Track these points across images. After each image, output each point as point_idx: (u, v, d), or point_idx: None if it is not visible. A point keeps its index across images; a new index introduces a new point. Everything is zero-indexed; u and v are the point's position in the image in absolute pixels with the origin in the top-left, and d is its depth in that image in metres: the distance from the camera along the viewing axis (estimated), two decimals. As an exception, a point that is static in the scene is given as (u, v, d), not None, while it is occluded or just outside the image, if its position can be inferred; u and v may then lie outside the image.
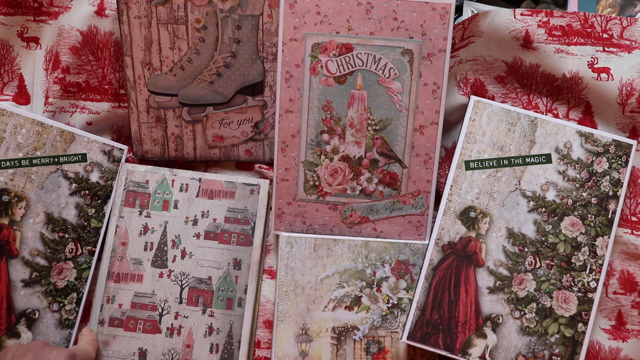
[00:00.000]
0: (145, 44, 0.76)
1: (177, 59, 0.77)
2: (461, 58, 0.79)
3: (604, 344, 0.77)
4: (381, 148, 0.77)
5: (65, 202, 0.77)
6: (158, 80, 0.78)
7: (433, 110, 0.76)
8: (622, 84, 0.76)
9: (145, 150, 0.81)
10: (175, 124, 0.80)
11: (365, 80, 0.75)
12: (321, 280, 0.77)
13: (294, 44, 0.75)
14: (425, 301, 0.74)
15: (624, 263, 0.78)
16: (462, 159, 0.76)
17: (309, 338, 0.76)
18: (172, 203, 0.79)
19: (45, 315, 0.75)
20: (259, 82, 0.79)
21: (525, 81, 0.79)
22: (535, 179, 0.76)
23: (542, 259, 0.75)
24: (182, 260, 0.78)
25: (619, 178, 0.76)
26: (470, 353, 0.73)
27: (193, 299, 0.78)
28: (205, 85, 0.78)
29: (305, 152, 0.77)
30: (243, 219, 0.80)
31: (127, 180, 0.79)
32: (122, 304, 0.77)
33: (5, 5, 0.79)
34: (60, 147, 0.77)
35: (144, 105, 0.79)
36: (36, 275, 0.75)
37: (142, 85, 0.78)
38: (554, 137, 0.77)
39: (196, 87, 0.78)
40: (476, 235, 0.75)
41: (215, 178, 0.80)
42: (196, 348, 0.77)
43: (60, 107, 0.80)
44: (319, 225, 0.79)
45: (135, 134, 0.80)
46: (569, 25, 0.77)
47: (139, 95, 0.78)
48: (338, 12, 0.74)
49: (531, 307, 0.74)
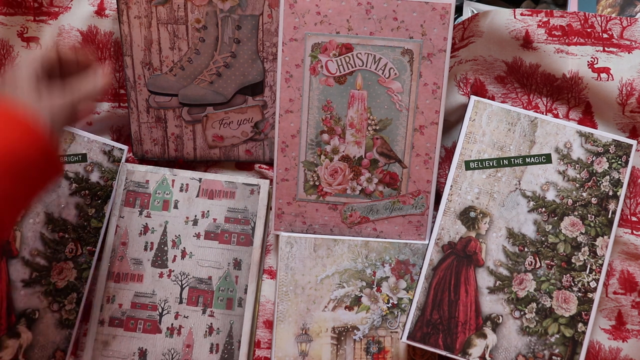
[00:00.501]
0: (145, 44, 0.76)
1: (177, 59, 0.77)
2: (461, 58, 0.79)
3: (604, 344, 0.77)
4: (381, 148, 0.77)
5: (65, 202, 0.77)
6: (158, 80, 0.78)
7: (433, 110, 0.76)
8: (622, 84, 0.76)
9: (145, 150, 0.81)
10: (175, 124, 0.80)
11: (365, 80, 0.75)
12: (321, 280, 0.77)
13: (294, 44, 0.75)
14: (425, 301, 0.74)
15: (624, 263, 0.78)
16: (462, 159, 0.76)
17: (309, 338, 0.76)
18: (172, 203, 0.79)
19: (45, 315, 0.75)
20: (259, 82, 0.78)
21: (525, 81, 0.79)
22: (535, 179, 0.76)
23: (542, 259, 0.75)
24: (182, 260, 0.78)
25: (619, 178, 0.76)
26: (470, 353, 0.73)
27: (193, 299, 0.78)
28: (205, 85, 0.78)
29: (305, 152, 0.77)
30: (243, 219, 0.79)
31: (127, 180, 0.79)
32: (122, 303, 0.77)
33: (5, 5, 0.79)
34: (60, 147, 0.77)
35: (144, 105, 0.79)
36: (36, 275, 0.75)
37: (142, 85, 0.78)
38: (554, 137, 0.77)
39: (196, 87, 0.78)
40: (476, 235, 0.75)
41: (215, 178, 0.80)
42: (196, 348, 0.77)
43: (60, 107, 0.80)
44: (319, 225, 0.79)
45: (135, 134, 0.80)
46: (569, 25, 0.77)
47: (139, 95, 0.78)
48: (338, 12, 0.74)
49: (531, 307, 0.74)
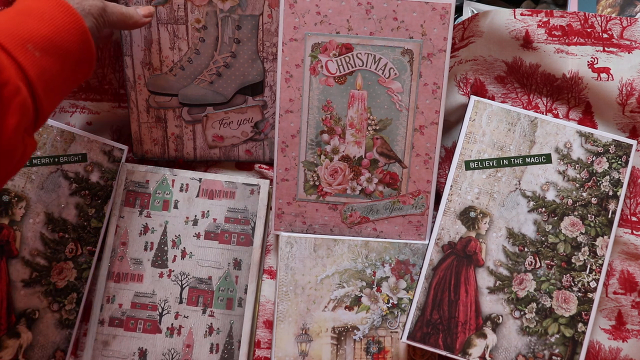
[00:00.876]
0: (145, 44, 0.76)
1: (177, 59, 0.77)
2: (461, 58, 0.79)
3: (604, 344, 0.77)
4: (381, 148, 0.77)
5: (65, 202, 0.77)
6: (158, 80, 0.78)
7: (433, 110, 0.76)
8: (622, 84, 0.76)
9: (145, 150, 0.81)
10: (175, 124, 0.80)
11: (365, 80, 0.75)
12: (321, 280, 0.77)
13: (294, 44, 0.75)
14: (425, 301, 0.74)
15: (624, 263, 0.78)
16: (462, 159, 0.76)
17: (309, 338, 0.76)
18: (172, 203, 0.79)
19: (45, 315, 0.75)
20: (259, 82, 0.78)
21: (525, 81, 0.79)
22: (535, 179, 0.76)
23: (542, 259, 0.75)
24: (182, 260, 0.78)
25: (619, 178, 0.76)
26: (470, 353, 0.73)
27: (193, 299, 0.78)
28: (205, 85, 0.78)
29: (305, 152, 0.77)
30: (243, 219, 0.80)
31: (127, 180, 0.79)
32: (122, 303, 0.77)
33: (6, 5, 0.79)
34: (60, 147, 0.77)
35: (144, 105, 0.79)
36: (36, 275, 0.75)
37: (142, 85, 0.78)
38: (554, 137, 0.77)
39: (196, 87, 0.78)
40: (476, 235, 0.75)
41: (215, 178, 0.80)
42: (196, 348, 0.77)
43: (60, 107, 0.80)
44: (319, 225, 0.79)
45: (135, 134, 0.80)
46: (569, 25, 0.77)
47: (139, 95, 0.78)
48: (338, 12, 0.74)
49: (531, 307, 0.74)
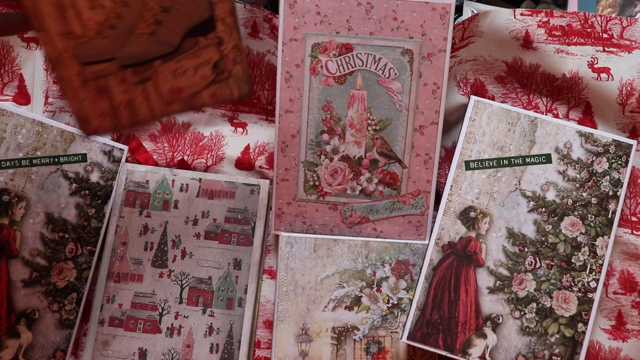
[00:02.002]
0: (58, 11, 0.64)
1: (103, 18, 0.65)
2: (461, 58, 0.79)
3: (604, 344, 0.77)
4: (381, 148, 0.77)
5: (65, 202, 0.77)
6: (86, 48, 0.66)
7: (433, 110, 0.76)
8: (622, 84, 0.76)
9: (95, 126, 0.69)
10: (122, 89, 0.69)
11: (365, 80, 0.75)
12: (321, 280, 0.77)
13: (294, 44, 0.75)
14: (425, 301, 0.74)
15: (624, 263, 0.78)
16: (462, 159, 0.76)
17: (309, 338, 0.76)
18: (172, 203, 0.79)
19: (45, 315, 0.75)
20: (208, 19, 0.67)
21: (525, 81, 0.79)
22: (535, 179, 0.76)
23: (542, 259, 0.75)
24: (182, 260, 0.78)
25: (619, 178, 0.76)
26: (470, 353, 0.73)
27: (193, 298, 0.78)
28: (145, 38, 0.67)
29: (305, 152, 0.77)
30: (243, 219, 0.80)
31: (127, 180, 0.79)
32: (122, 303, 0.77)
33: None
34: (60, 147, 0.77)
35: (77, 80, 0.67)
36: (36, 275, 0.75)
37: (69, 59, 0.66)
38: (554, 137, 0.77)
39: (135, 43, 0.67)
40: (476, 235, 0.75)
41: (215, 178, 0.80)
42: (196, 348, 0.77)
43: (61, 107, 0.80)
44: (319, 225, 0.79)
45: (78, 114, 0.68)
46: (569, 25, 0.77)
47: (68, 72, 0.66)
48: (338, 12, 0.74)
49: (531, 307, 0.74)
